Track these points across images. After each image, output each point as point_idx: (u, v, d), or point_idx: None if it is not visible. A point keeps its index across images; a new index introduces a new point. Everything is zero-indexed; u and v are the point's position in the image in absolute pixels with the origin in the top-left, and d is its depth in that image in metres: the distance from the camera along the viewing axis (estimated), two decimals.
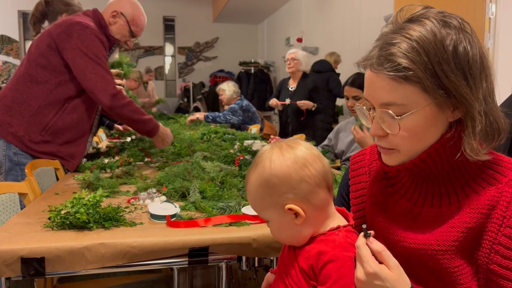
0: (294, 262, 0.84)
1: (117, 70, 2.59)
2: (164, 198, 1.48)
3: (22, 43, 9.39)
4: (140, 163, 2.28)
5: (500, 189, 0.76)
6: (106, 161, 2.12)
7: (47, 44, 2.00)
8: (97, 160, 2.16)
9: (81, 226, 1.17)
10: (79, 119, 2.09)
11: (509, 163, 0.79)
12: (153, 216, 1.29)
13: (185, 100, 9.71)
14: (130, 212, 1.29)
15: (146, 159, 2.32)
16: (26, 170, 1.74)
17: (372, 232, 0.76)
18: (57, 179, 2.00)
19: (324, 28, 6.63)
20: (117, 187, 1.67)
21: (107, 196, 1.52)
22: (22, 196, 1.56)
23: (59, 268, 1.05)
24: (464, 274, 0.76)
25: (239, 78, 9.14)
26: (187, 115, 5.12)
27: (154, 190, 1.54)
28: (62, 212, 1.19)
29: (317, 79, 4.68)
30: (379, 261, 0.73)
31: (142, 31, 2.29)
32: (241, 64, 9.42)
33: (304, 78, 4.07)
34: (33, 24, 2.52)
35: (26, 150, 1.97)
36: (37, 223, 1.23)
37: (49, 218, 1.20)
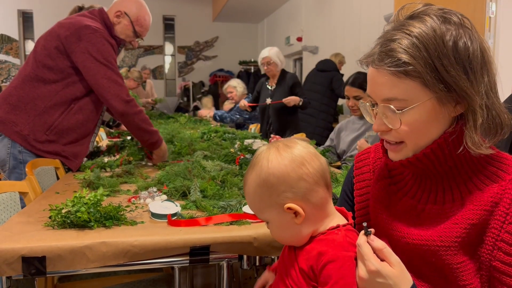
0: (294, 263, 0.84)
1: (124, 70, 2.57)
2: (165, 197, 1.48)
3: (22, 43, 9.40)
4: (140, 162, 2.28)
5: (504, 186, 0.76)
6: (106, 160, 2.11)
7: (55, 46, 1.98)
8: (97, 159, 2.15)
9: (82, 225, 1.17)
10: (84, 120, 2.08)
11: None
12: (154, 215, 1.28)
13: (185, 100, 9.72)
14: (131, 211, 1.29)
15: (146, 159, 2.31)
16: (27, 169, 1.74)
17: (373, 230, 0.76)
18: (58, 178, 2.00)
19: (324, 27, 6.63)
20: (118, 186, 1.67)
21: (108, 195, 1.52)
22: (23, 195, 1.56)
23: (60, 267, 1.05)
24: (467, 271, 0.76)
25: (239, 77, 9.16)
26: (187, 115, 5.12)
27: (155, 189, 1.54)
28: (63, 211, 1.19)
29: (320, 78, 4.65)
30: (381, 259, 0.74)
31: (147, 31, 2.27)
32: (241, 63, 9.43)
33: (283, 76, 3.92)
34: None
35: (31, 149, 1.96)
36: (38, 222, 1.23)
37: (50, 217, 1.20)
